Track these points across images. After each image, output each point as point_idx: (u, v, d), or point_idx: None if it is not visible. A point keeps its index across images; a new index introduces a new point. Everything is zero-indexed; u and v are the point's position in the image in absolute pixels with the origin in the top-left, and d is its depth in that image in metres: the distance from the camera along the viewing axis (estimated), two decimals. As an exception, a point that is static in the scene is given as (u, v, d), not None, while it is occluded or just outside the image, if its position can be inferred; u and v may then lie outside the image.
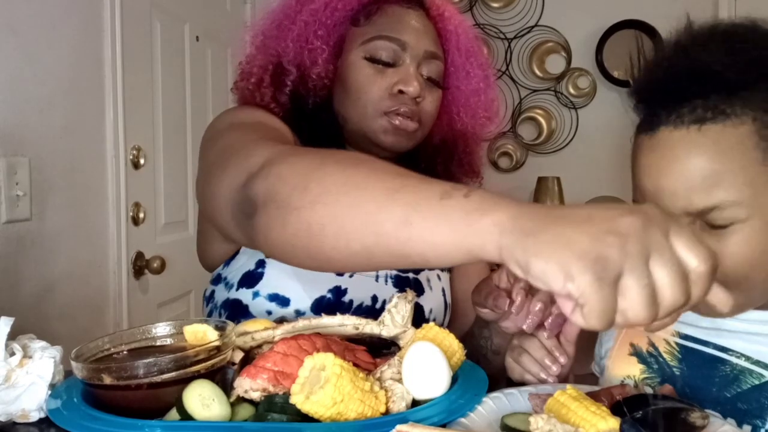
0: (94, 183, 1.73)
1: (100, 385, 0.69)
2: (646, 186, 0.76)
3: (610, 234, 0.48)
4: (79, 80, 1.66)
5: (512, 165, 2.97)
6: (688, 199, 0.72)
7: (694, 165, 0.71)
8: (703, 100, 0.71)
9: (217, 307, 1.08)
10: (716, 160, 0.71)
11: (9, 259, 1.42)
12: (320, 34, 1.05)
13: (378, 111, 1.04)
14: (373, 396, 0.66)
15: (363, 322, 0.81)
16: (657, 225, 0.49)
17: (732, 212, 0.71)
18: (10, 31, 1.43)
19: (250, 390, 0.68)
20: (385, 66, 1.04)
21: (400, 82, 1.03)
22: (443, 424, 0.65)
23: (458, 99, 1.13)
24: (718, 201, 0.70)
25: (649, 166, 0.75)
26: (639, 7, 2.79)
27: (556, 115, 2.95)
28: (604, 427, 0.61)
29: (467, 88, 1.12)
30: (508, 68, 2.94)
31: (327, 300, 1.03)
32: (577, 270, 0.47)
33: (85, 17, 1.68)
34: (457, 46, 1.10)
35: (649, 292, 0.48)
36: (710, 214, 0.71)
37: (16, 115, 1.44)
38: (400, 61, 1.04)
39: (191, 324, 0.79)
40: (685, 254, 0.49)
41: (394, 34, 1.04)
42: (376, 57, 1.04)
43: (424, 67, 1.06)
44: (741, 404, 0.77)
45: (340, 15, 1.06)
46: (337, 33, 1.06)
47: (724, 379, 0.79)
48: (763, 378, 0.76)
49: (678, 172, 0.72)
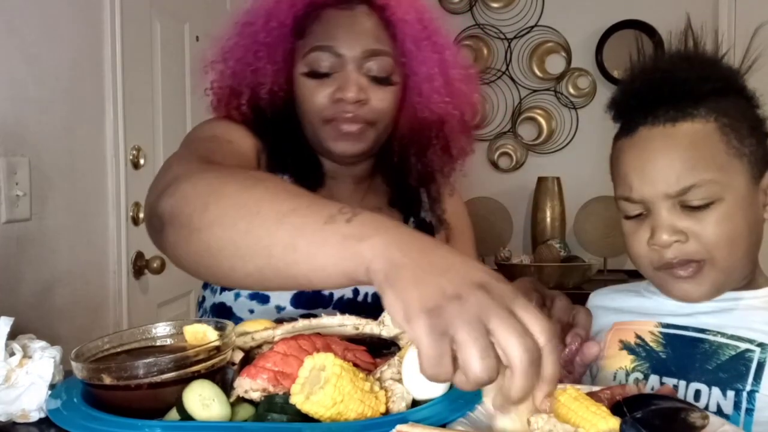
0: (94, 183, 1.73)
1: (100, 385, 0.69)
2: (631, 180, 0.86)
3: (458, 289, 0.51)
4: (79, 80, 1.66)
5: (512, 165, 2.97)
6: (669, 181, 0.82)
7: (673, 152, 0.83)
8: (674, 104, 0.84)
9: (207, 311, 1.13)
10: (690, 147, 0.83)
11: (9, 259, 1.42)
12: (261, 54, 1.07)
13: (322, 120, 1.06)
14: (373, 396, 0.66)
15: (363, 322, 0.81)
16: (505, 294, 0.53)
17: (708, 189, 0.82)
18: (10, 31, 1.43)
19: (250, 390, 0.68)
20: (324, 76, 1.05)
21: (338, 89, 1.04)
22: (443, 424, 0.65)
23: (414, 87, 1.11)
24: (695, 180, 0.82)
25: (632, 161, 0.86)
26: (639, 8, 2.80)
27: (556, 115, 2.95)
28: (604, 427, 0.61)
29: (421, 74, 1.10)
30: (508, 68, 2.94)
31: (306, 293, 1.05)
32: (415, 314, 0.51)
33: (85, 17, 1.68)
34: (406, 34, 1.07)
35: (482, 345, 0.50)
36: (689, 193, 0.82)
37: (16, 115, 1.44)
38: (338, 68, 1.04)
39: (191, 324, 0.79)
40: (527, 320, 0.52)
41: (327, 42, 1.04)
42: (314, 70, 1.05)
43: (367, 67, 1.05)
44: (722, 373, 0.84)
45: (279, 32, 1.07)
46: (282, 48, 1.08)
47: (704, 355, 0.87)
48: (739, 349, 0.85)
49: (658, 160, 0.84)
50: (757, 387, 0.82)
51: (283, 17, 1.06)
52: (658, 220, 0.85)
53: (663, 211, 0.84)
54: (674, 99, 0.84)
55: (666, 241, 0.84)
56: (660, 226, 0.84)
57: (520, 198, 2.94)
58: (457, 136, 1.15)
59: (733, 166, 0.83)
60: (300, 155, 1.11)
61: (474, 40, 2.93)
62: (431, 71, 1.09)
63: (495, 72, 2.94)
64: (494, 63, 2.94)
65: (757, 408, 0.81)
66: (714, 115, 0.84)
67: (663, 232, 0.84)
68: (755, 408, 0.81)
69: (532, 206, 2.85)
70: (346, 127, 1.05)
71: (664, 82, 0.86)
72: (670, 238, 0.84)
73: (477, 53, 2.94)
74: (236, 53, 1.10)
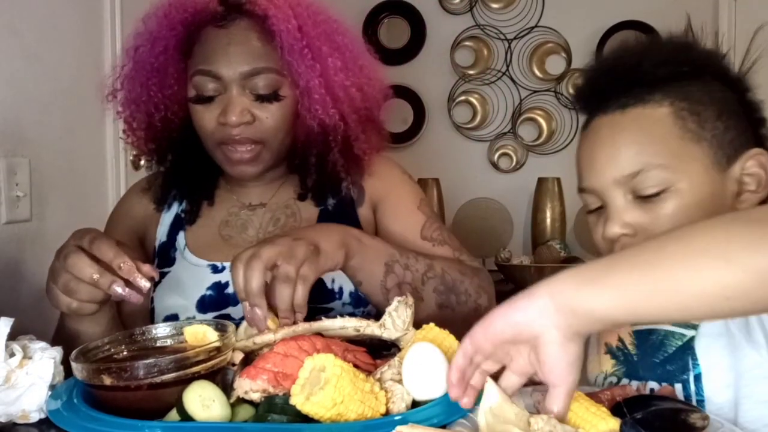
0: (95, 184, 1.73)
1: (100, 385, 0.69)
2: (581, 169, 0.86)
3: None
4: (80, 80, 1.65)
5: (512, 166, 2.96)
6: (616, 167, 0.80)
7: (619, 138, 0.81)
8: (626, 92, 0.82)
9: None
10: (637, 133, 0.81)
11: (9, 259, 1.42)
12: (152, 82, 1.07)
13: (214, 143, 1.07)
14: (373, 397, 0.66)
15: (364, 324, 0.81)
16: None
17: (658, 176, 0.79)
18: (11, 31, 1.42)
19: (250, 391, 0.68)
20: (209, 100, 1.04)
21: (221, 113, 1.03)
22: (443, 425, 0.65)
23: (298, 98, 1.07)
24: (642, 165, 0.79)
25: (583, 151, 0.86)
26: (639, 8, 2.79)
27: (557, 115, 2.94)
28: (604, 427, 0.61)
29: (301, 86, 1.06)
30: (508, 69, 2.94)
31: (209, 297, 1.07)
32: None
33: (85, 17, 1.68)
34: (284, 45, 1.03)
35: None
36: (637, 180, 0.79)
37: (16, 115, 1.44)
38: (221, 90, 1.04)
39: (191, 325, 0.79)
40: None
41: (207, 66, 1.03)
42: (199, 94, 1.05)
43: (252, 85, 1.03)
44: (669, 366, 0.81)
45: (164, 56, 1.06)
46: (172, 71, 1.07)
47: (653, 347, 0.83)
48: (685, 337, 0.81)
49: (605, 147, 0.82)
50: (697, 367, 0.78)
51: (165, 40, 1.05)
52: (609, 212, 0.82)
53: (615, 201, 0.81)
54: (627, 86, 0.82)
55: (614, 234, 0.81)
56: (610, 219, 0.82)
57: (521, 199, 2.93)
58: (360, 135, 1.11)
59: (688, 152, 0.79)
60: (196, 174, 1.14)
61: (474, 41, 2.93)
62: (311, 83, 1.05)
63: (495, 73, 2.93)
64: (494, 64, 2.94)
65: (707, 398, 0.77)
66: (670, 99, 0.80)
67: (612, 225, 0.81)
68: (705, 399, 0.77)
69: (532, 207, 2.84)
70: (237, 153, 1.05)
71: (615, 70, 0.84)
72: (620, 230, 0.81)
73: (477, 54, 2.93)
74: (130, 80, 1.11)
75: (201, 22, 1.05)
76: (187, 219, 1.14)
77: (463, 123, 2.94)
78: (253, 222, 1.14)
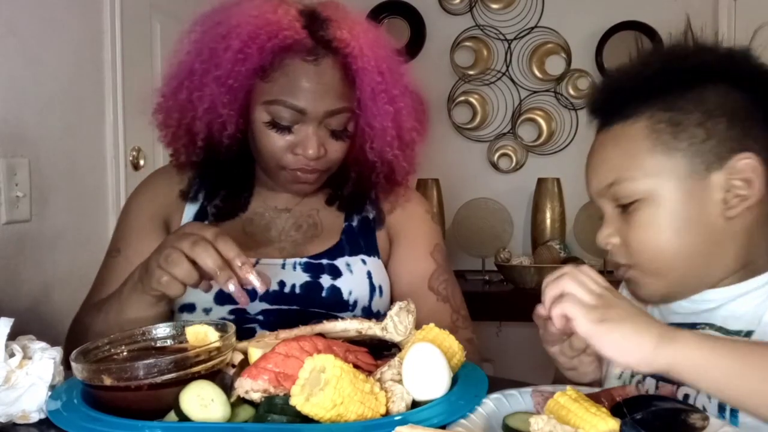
0: (94, 184, 1.73)
1: (100, 386, 0.69)
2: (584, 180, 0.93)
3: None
4: (79, 81, 1.66)
5: (512, 166, 2.96)
6: (597, 179, 0.88)
7: (599, 156, 0.89)
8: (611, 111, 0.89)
9: None
10: (612, 150, 0.87)
11: (9, 260, 1.42)
12: (226, 101, 1.06)
13: (279, 166, 1.09)
14: (373, 397, 0.66)
15: (365, 326, 0.81)
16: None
17: (627, 187, 0.84)
18: (10, 32, 1.43)
19: (250, 391, 0.68)
20: (285, 129, 1.06)
21: (298, 145, 1.06)
22: (443, 426, 0.65)
23: (367, 138, 1.12)
24: (613, 177, 0.85)
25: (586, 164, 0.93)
26: (639, 9, 2.79)
27: (556, 116, 2.94)
28: (604, 428, 0.61)
29: (375, 128, 1.11)
30: (508, 69, 2.94)
31: None
32: None
33: (85, 17, 1.68)
34: (365, 86, 1.07)
35: None
36: (612, 191, 0.85)
37: (16, 115, 1.44)
38: (299, 121, 1.05)
39: (192, 325, 0.79)
40: None
41: (291, 99, 1.04)
42: (276, 121, 1.06)
43: (327, 122, 1.06)
44: None
45: (244, 75, 1.06)
46: (243, 90, 1.07)
47: None
48: None
49: (592, 161, 0.90)
50: None
51: (251, 64, 1.04)
52: (603, 222, 0.88)
53: (606, 212, 0.88)
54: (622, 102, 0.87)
55: (600, 240, 0.88)
56: (601, 228, 0.88)
57: (520, 199, 2.93)
58: (403, 164, 1.17)
59: (657, 164, 0.83)
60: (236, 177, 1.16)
61: (474, 41, 2.93)
62: (385, 125, 1.10)
63: (495, 73, 2.94)
64: (494, 64, 2.94)
65: None
66: (651, 113, 0.84)
67: (600, 232, 0.88)
68: None
69: (532, 207, 2.84)
70: (303, 178, 1.10)
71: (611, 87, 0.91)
72: (604, 239, 0.88)
73: (477, 54, 2.94)
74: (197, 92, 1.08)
75: (290, 53, 1.05)
76: (215, 214, 1.15)
77: (463, 123, 2.94)
78: (276, 224, 1.16)
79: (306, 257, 1.12)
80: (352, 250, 1.14)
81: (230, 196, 1.16)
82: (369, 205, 1.20)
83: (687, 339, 0.67)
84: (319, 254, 1.12)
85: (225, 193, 1.16)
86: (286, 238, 1.15)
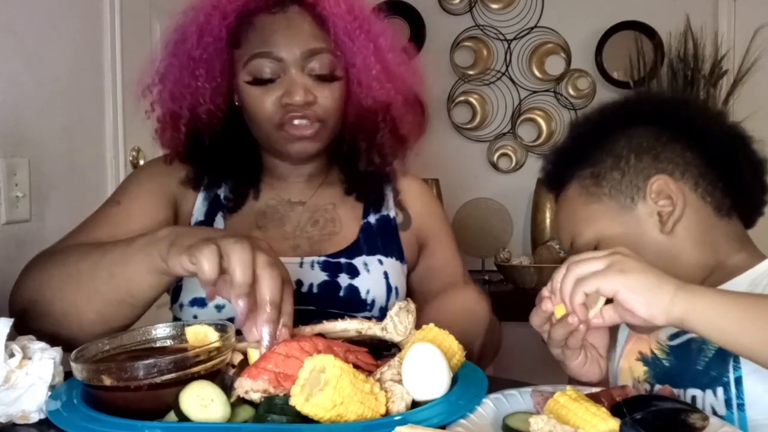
0: (94, 184, 1.73)
1: (100, 386, 0.69)
2: None
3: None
4: (79, 81, 1.66)
5: (512, 166, 2.97)
6: (563, 242, 1.01)
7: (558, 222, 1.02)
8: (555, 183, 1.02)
9: None
10: (563, 214, 1.00)
11: (8, 260, 1.42)
12: (199, 72, 1.07)
13: (273, 126, 1.07)
14: (373, 398, 0.66)
15: (365, 326, 0.81)
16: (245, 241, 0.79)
17: (581, 240, 0.95)
18: (10, 32, 1.43)
19: (250, 391, 0.68)
20: (268, 83, 1.05)
21: (284, 94, 1.05)
22: (443, 426, 0.65)
23: (354, 78, 1.11)
24: (570, 237, 0.97)
25: None
26: (639, 9, 2.79)
27: (556, 116, 2.95)
28: (604, 428, 0.61)
29: (358, 65, 1.10)
30: (507, 69, 2.94)
31: None
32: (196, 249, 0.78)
33: (85, 17, 1.68)
34: (339, 27, 1.08)
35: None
36: (575, 247, 0.96)
37: (16, 115, 1.44)
38: (280, 72, 1.05)
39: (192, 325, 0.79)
40: None
41: (266, 48, 1.04)
42: (257, 77, 1.06)
43: (310, 67, 1.06)
44: (712, 371, 0.85)
45: (214, 46, 1.07)
46: (219, 62, 1.08)
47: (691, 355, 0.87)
48: None
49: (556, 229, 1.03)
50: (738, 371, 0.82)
51: (216, 31, 1.06)
52: None
53: None
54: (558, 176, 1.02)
55: None
56: None
57: (520, 199, 2.94)
58: (405, 116, 1.16)
59: (593, 212, 0.95)
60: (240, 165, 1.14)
61: (474, 41, 2.94)
62: (367, 60, 1.10)
63: (495, 73, 2.94)
64: (494, 64, 2.94)
65: (748, 403, 0.81)
66: (576, 175, 0.97)
67: None
68: (745, 402, 0.81)
69: (532, 207, 2.85)
70: (300, 130, 1.07)
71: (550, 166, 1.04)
72: None
73: (477, 54, 2.94)
74: (173, 74, 1.10)
75: (254, 11, 1.06)
76: (228, 206, 1.14)
77: (463, 123, 2.94)
78: (291, 218, 1.15)
79: (324, 256, 1.11)
80: (369, 249, 1.13)
81: (238, 186, 1.15)
82: (393, 206, 1.19)
83: (702, 290, 0.71)
84: (337, 253, 1.11)
85: (233, 182, 1.14)
86: (302, 234, 1.13)
